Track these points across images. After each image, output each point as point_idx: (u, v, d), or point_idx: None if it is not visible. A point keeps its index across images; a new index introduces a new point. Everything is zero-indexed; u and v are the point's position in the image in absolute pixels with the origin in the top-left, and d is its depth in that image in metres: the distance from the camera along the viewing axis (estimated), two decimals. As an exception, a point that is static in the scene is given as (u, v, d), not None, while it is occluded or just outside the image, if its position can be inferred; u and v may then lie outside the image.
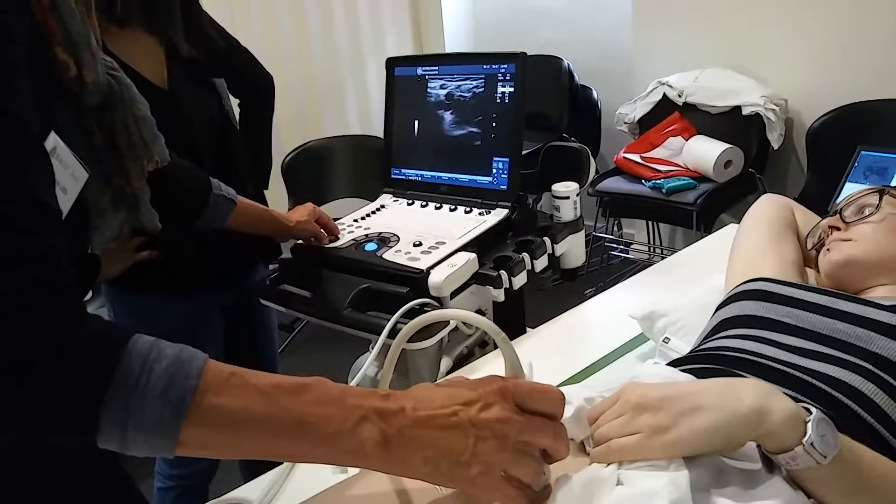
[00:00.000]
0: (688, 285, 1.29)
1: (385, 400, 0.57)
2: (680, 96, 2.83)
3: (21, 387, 0.49)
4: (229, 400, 0.53)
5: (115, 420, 0.50)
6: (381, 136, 1.63)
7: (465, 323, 1.28)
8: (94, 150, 0.75)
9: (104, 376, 0.50)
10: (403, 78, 1.57)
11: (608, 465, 0.60)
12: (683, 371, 0.73)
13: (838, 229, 1.01)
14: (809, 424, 0.58)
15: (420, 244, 1.33)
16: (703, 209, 2.56)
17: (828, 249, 1.00)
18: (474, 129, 1.46)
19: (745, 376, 0.75)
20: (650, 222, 3.24)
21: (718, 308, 0.99)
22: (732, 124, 2.69)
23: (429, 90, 1.52)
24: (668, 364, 0.84)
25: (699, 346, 0.93)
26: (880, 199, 0.99)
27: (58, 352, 0.50)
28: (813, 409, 0.59)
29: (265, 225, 1.34)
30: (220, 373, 0.54)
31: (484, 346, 1.35)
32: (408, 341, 1.16)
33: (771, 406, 0.59)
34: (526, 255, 1.33)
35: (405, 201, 1.56)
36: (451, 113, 1.49)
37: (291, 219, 1.36)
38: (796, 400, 0.61)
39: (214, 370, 0.54)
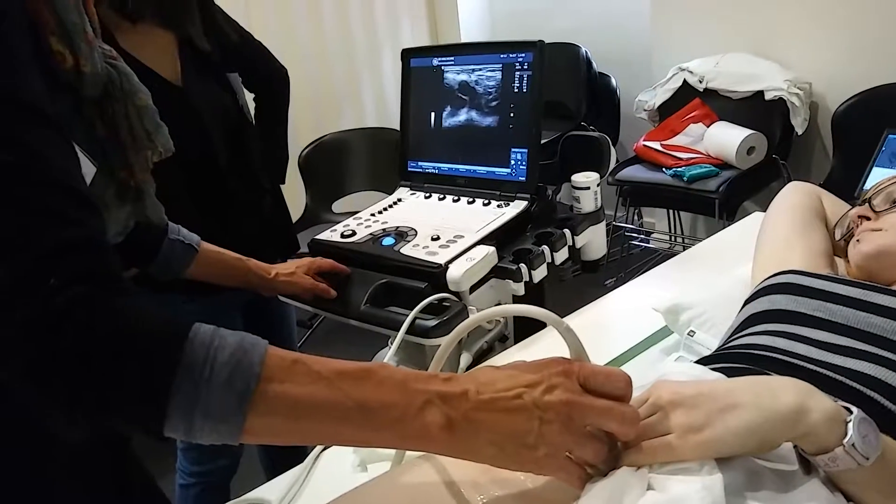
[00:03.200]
0: (712, 276, 1.27)
1: (447, 383, 0.57)
2: (700, 82, 2.78)
3: (87, 381, 0.50)
4: (293, 387, 0.53)
5: (182, 409, 0.51)
6: (398, 128, 1.62)
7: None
8: (97, 143, 0.74)
9: (169, 366, 0.51)
10: (419, 69, 1.55)
11: (638, 468, 0.58)
12: (713, 370, 0.71)
13: (868, 219, 0.98)
14: (850, 425, 0.56)
15: (438, 238, 1.31)
16: (726, 197, 2.51)
17: (858, 240, 0.97)
18: (492, 120, 1.44)
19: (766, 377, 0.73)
20: (671, 211, 3.20)
21: (747, 302, 0.96)
22: (755, 110, 2.64)
23: (445, 81, 1.50)
24: (696, 362, 0.82)
25: (728, 341, 0.91)
26: (911, 187, 0.96)
27: (121, 343, 0.51)
28: (854, 409, 0.57)
29: (237, 275, 1.22)
30: (282, 360, 0.54)
31: (504, 340, 1.33)
32: (427, 337, 1.16)
33: (810, 405, 0.56)
34: (546, 248, 1.31)
35: (422, 194, 1.54)
36: (468, 104, 1.47)
37: (271, 271, 1.25)
38: None
39: (277, 357, 0.54)
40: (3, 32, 0.55)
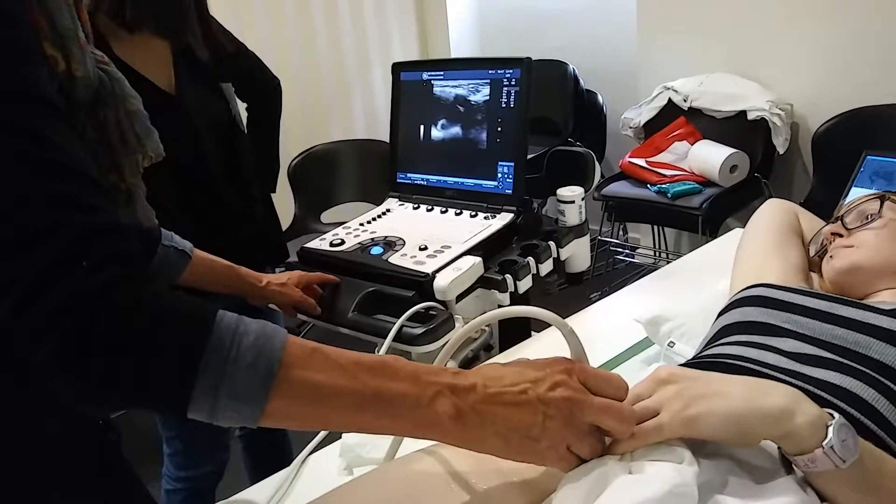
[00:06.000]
0: (693, 290, 1.30)
1: (456, 377, 0.60)
2: (685, 101, 2.83)
3: (122, 362, 0.52)
4: (313, 374, 0.56)
5: (207, 389, 0.53)
6: (388, 140, 1.64)
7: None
8: (88, 147, 0.76)
9: (197, 347, 0.53)
10: (409, 83, 1.58)
11: (622, 456, 0.61)
12: None
13: (840, 236, 1.01)
14: (831, 428, 0.59)
15: (425, 248, 1.33)
16: (709, 214, 2.55)
17: (831, 256, 1.00)
18: (480, 134, 1.47)
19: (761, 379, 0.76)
20: (656, 227, 3.24)
21: (720, 314, 0.99)
22: (738, 129, 2.69)
23: (434, 95, 1.53)
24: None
25: (701, 351, 0.94)
26: (881, 205, 1.00)
27: (154, 325, 0.53)
28: (836, 415, 0.60)
29: (228, 282, 1.24)
30: (302, 348, 0.57)
31: (489, 349, 1.35)
32: (414, 344, 1.18)
33: (796, 409, 0.60)
34: (531, 259, 1.34)
35: (411, 205, 1.57)
36: (457, 117, 1.50)
37: (262, 279, 1.27)
38: None
39: (297, 345, 0.56)
40: (18, 37, 0.57)
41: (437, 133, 1.54)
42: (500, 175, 1.45)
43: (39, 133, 0.55)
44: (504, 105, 1.43)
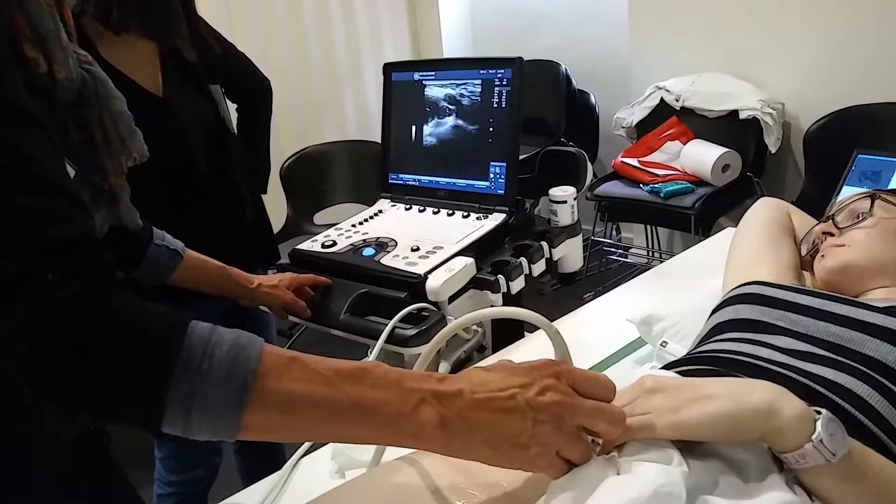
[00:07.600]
0: (686, 289, 1.30)
1: (441, 383, 0.58)
2: (677, 100, 2.83)
3: (92, 375, 0.51)
4: (290, 384, 0.54)
5: (180, 403, 0.51)
6: (379, 141, 1.64)
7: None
8: (71, 148, 0.75)
9: (169, 360, 0.52)
10: (401, 83, 1.58)
11: (609, 454, 0.60)
12: (680, 373, 0.73)
13: (832, 235, 1.02)
14: (819, 423, 0.59)
15: (418, 249, 1.33)
16: (702, 213, 2.56)
17: (822, 256, 1.00)
18: (471, 134, 1.47)
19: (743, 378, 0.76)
20: (648, 226, 3.25)
21: (713, 312, 0.99)
22: (730, 128, 2.69)
23: (426, 95, 1.53)
24: (664, 367, 0.85)
25: (695, 349, 0.94)
26: (872, 204, 1.00)
27: (123, 337, 0.52)
28: (823, 410, 0.60)
29: (219, 283, 1.24)
30: (279, 357, 0.55)
31: (482, 350, 1.35)
32: (406, 346, 1.17)
33: (782, 405, 0.60)
34: (524, 260, 1.34)
35: (403, 206, 1.56)
36: (449, 118, 1.50)
37: (253, 280, 1.27)
38: None
39: (273, 355, 0.55)
40: None
41: (428, 133, 1.53)
42: (492, 175, 1.44)
43: (10, 141, 0.54)
44: (496, 105, 1.43)
